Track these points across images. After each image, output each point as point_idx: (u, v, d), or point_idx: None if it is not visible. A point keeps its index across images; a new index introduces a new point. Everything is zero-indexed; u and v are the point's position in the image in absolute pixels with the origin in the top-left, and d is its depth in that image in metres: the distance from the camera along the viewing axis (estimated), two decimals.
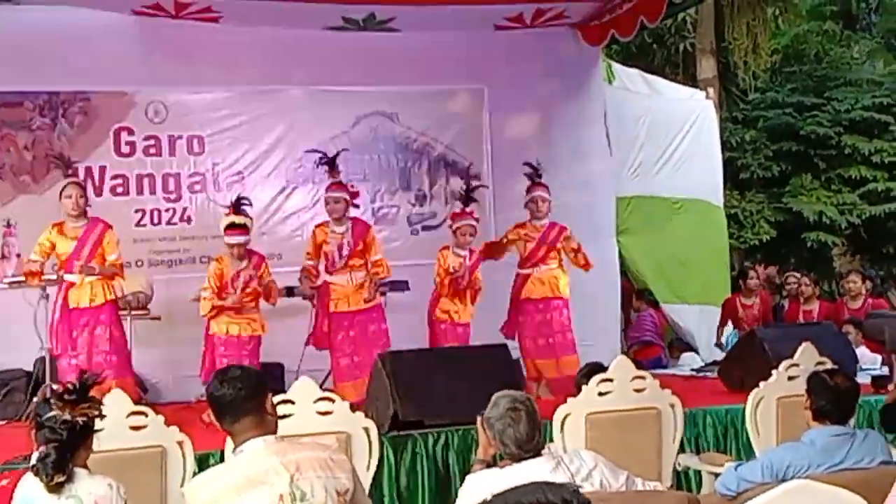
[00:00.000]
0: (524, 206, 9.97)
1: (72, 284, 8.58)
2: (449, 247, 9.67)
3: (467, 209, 9.76)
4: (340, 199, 9.15)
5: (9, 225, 10.33)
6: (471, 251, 9.64)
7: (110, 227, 8.78)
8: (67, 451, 3.88)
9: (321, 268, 9.23)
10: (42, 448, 3.91)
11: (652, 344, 12.45)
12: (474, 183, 10.82)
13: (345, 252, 9.10)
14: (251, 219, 8.96)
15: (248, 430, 3.90)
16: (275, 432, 3.96)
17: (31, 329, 8.99)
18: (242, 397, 3.90)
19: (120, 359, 8.71)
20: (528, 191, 9.93)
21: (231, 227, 8.70)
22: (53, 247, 8.59)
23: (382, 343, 9.05)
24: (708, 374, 10.44)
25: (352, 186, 9.69)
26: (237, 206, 8.87)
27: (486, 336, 9.43)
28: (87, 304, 8.58)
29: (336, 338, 9.08)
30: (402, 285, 10.07)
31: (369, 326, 9.16)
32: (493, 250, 10.03)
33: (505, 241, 9.99)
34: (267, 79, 11.11)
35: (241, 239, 8.71)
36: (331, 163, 9.40)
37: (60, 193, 8.62)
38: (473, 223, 9.63)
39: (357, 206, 9.73)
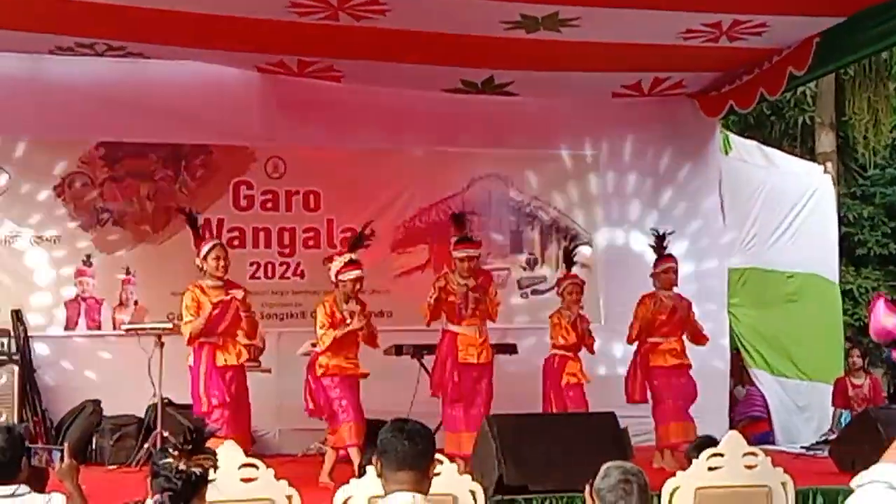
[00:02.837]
0: (651, 277, 9.87)
1: (216, 346, 8.50)
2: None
3: (570, 272, 9.82)
4: (470, 257, 9.13)
5: (128, 273, 10.55)
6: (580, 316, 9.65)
7: (246, 290, 8.83)
8: (181, 500, 3.91)
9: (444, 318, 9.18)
10: (157, 496, 3.95)
11: (760, 419, 12.23)
12: (580, 246, 10.83)
13: (471, 305, 9.09)
14: None
15: (404, 482, 3.93)
16: (426, 494, 3.98)
17: (144, 375, 9.17)
18: (416, 452, 3.94)
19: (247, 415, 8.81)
20: (658, 263, 9.87)
21: (349, 264, 8.81)
22: (199, 306, 8.49)
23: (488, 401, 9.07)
24: (818, 452, 10.23)
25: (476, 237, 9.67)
26: (357, 243, 9.00)
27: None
28: (235, 363, 8.54)
29: (463, 388, 9.01)
30: (510, 348, 10.06)
31: (488, 381, 9.14)
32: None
33: (643, 321, 9.80)
34: (384, 138, 11.25)
35: (358, 273, 8.81)
36: (460, 219, 9.45)
37: (206, 255, 8.50)
38: (579, 283, 9.70)
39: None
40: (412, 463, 3.94)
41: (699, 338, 9.90)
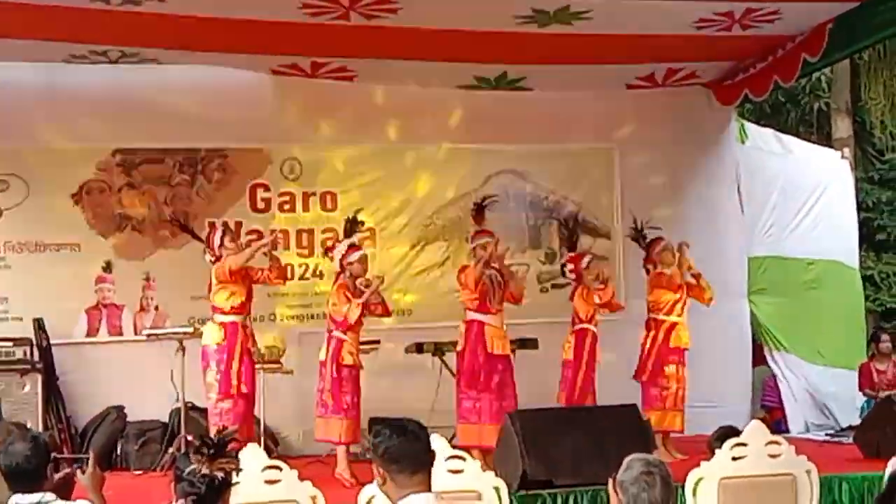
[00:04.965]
0: (648, 262, 10.14)
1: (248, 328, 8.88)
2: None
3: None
4: (490, 244, 9.16)
5: (148, 278, 10.58)
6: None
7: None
8: None
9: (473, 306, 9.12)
10: (181, 501, 3.96)
11: (772, 409, 12.16)
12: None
13: (497, 292, 9.08)
14: None
15: (415, 484, 3.91)
16: (430, 489, 3.98)
17: (166, 380, 9.21)
18: (425, 449, 3.93)
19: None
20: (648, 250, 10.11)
21: (351, 247, 8.89)
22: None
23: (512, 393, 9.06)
24: (843, 439, 10.21)
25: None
26: (353, 228, 9.11)
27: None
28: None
29: (491, 379, 8.95)
30: (531, 343, 10.05)
31: (513, 373, 9.13)
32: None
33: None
34: (399, 136, 11.28)
35: (362, 253, 8.97)
36: (479, 210, 9.45)
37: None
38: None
39: None
40: (421, 463, 3.92)
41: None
